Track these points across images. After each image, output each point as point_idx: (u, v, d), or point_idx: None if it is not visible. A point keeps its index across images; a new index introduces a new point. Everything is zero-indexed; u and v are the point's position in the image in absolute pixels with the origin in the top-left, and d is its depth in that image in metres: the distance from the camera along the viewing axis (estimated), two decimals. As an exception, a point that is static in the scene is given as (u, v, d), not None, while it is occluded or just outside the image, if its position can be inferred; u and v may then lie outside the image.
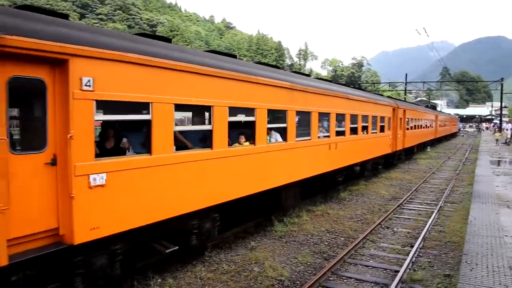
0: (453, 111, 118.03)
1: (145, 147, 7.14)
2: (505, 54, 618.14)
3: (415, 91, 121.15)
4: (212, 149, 8.41)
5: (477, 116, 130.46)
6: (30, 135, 5.93)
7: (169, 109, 7.31)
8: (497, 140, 46.11)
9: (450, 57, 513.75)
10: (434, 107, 68.30)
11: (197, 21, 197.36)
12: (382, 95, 27.51)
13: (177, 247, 7.74)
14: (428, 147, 41.32)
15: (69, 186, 5.69)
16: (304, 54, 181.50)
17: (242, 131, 9.92)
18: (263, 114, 10.17)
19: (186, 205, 7.83)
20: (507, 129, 44.44)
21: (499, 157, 30.66)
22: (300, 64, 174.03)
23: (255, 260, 8.98)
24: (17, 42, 5.06)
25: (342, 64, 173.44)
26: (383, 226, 12.17)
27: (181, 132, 7.99)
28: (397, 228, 12.00)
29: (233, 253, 9.45)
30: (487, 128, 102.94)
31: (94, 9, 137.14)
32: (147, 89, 6.85)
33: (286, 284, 7.91)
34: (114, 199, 6.32)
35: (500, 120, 66.42)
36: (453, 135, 74.28)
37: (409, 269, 8.72)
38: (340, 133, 15.56)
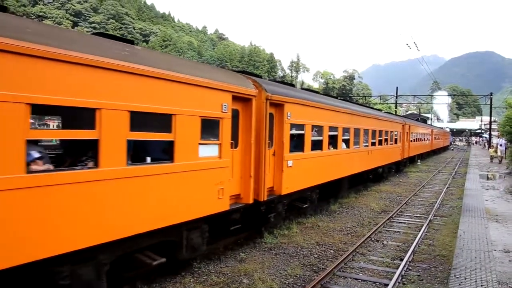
0: (443, 125, 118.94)
1: (297, 148, 12.59)
2: (494, 68, 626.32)
3: (405, 104, 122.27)
4: (322, 150, 14.26)
5: (467, 130, 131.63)
6: (270, 140, 11.05)
7: (310, 128, 13.26)
8: (492, 157, 41.56)
9: (440, 71, 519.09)
10: (424, 120, 68.96)
11: (190, 31, 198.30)
12: (392, 113, 36.73)
13: (307, 205, 13.72)
14: (419, 161, 41.50)
15: (282, 165, 11.41)
16: (296, 66, 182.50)
17: (329, 141, 15.07)
18: (340, 130, 16.18)
19: (310, 182, 13.54)
20: (500, 145, 39.49)
21: (488, 172, 30.93)
22: (292, 76, 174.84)
23: (244, 272, 8.92)
24: (273, 97, 10.81)
25: (333, 77, 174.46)
26: (373, 239, 12.18)
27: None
28: (387, 241, 12.01)
29: (222, 265, 9.39)
30: (476, 142, 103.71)
31: (87, 18, 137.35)
32: (304, 116, 12.78)
33: (275, 296, 7.86)
34: (293, 174, 11.96)
35: (490, 135, 66.82)
36: (444, 149, 75.18)
37: (399, 282, 8.70)
38: (373, 144, 21.52)
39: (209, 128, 8.47)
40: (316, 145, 13.85)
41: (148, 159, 7.10)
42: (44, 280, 5.65)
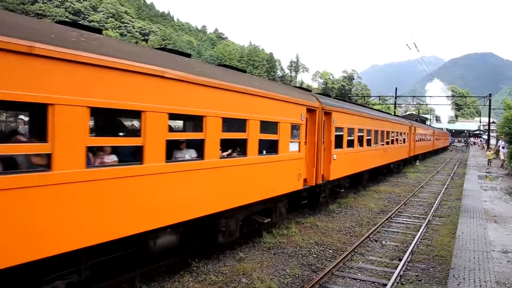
0: (442, 126, 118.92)
1: (338, 145, 15.86)
2: (493, 70, 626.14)
3: (404, 105, 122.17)
4: (353, 147, 18.03)
5: (465, 131, 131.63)
6: (323, 139, 14.39)
7: (346, 130, 16.74)
8: (489, 160, 38.39)
9: (439, 72, 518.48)
10: (423, 121, 69.14)
11: (189, 30, 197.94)
12: (399, 116, 42.83)
13: (343, 190, 17.65)
14: (417, 161, 41.50)
15: (330, 158, 14.74)
16: (295, 66, 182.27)
17: (358, 140, 18.79)
18: (365, 131, 19.80)
19: (346, 172, 17.17)
20: (503, 147, 36.64)
21: (487, 173, 30.95)
22: (291, 76, 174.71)
23: (243, 271, 8.92)
24: (326, 108, 14.40)
25: (332, 77, 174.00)
26: (371, 239, 12.18)
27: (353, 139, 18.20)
28: (386, 241, 12.02)
29: (221, 264, 9.39)
30: (474, 143, 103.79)
31: (87, 16, 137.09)
32: (343, 121, 16.20)
33: (274, 296, 7.85)
34: (336, 165, 15.37)
35: (488, 136, 66.75)
36: (444, 149, 75.50)
37: (397, 282, 8.71)
38: (387, 143, 25.08)
39: (294, 131, 12.20)
40: (350, 144, 17.44)
41: (264, 152, 10.54)
42: (213, 227, 9.06)
